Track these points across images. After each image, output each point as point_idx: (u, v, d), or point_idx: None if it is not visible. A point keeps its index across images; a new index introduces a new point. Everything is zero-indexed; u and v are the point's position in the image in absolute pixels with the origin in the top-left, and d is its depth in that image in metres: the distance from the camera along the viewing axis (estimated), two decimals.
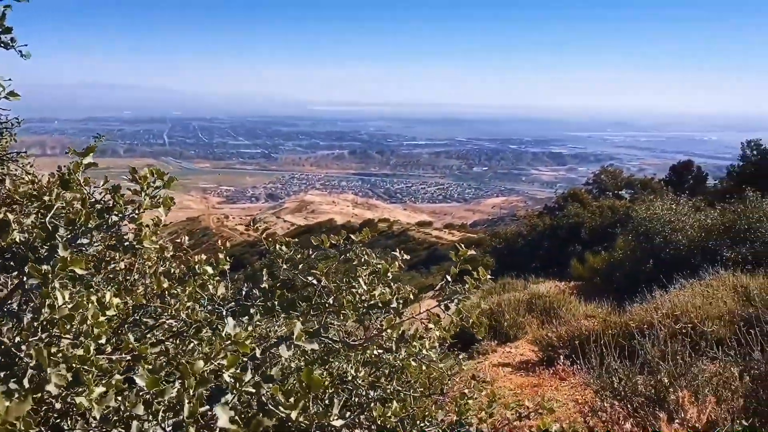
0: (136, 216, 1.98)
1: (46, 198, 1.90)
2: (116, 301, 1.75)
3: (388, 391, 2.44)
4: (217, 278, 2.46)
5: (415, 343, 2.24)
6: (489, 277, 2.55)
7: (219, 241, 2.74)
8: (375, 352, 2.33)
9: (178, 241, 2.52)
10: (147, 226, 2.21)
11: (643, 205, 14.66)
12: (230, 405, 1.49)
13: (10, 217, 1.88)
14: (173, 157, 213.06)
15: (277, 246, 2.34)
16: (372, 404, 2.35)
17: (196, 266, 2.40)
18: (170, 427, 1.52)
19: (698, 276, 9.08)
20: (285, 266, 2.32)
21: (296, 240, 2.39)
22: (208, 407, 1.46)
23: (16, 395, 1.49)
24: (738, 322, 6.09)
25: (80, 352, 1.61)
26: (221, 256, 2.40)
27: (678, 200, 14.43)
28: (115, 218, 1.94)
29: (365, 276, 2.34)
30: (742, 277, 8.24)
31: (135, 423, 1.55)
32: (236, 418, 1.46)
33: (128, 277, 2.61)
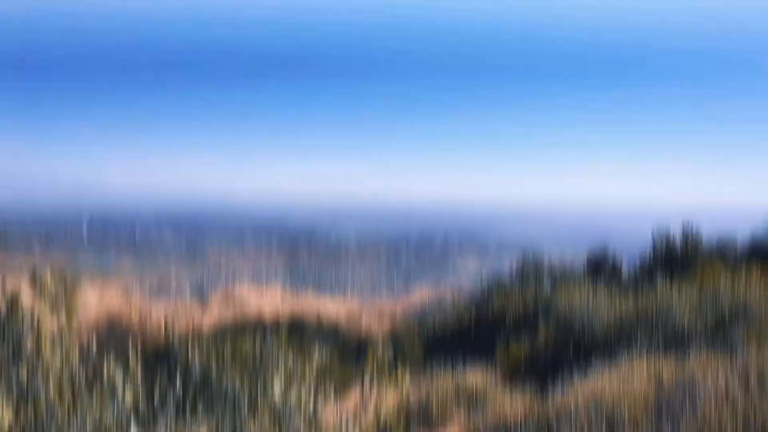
0: (35, 326, 1.93)
1: None
2: (9, 416, 1.68)
3: None
4: (127, 384, 2.38)
5: None
6: (408, 377, 2.60)
7: (130, 342, 2.68)
8: None
9: (85, 345, 2.45)
10: (53, 331, 2.15)
11: (563, 293, 15.17)
12: None
13: None
14: (92, 251, 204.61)
15: (190, 352, 2.32)
16: None
17: (105, 370, 2.33)
18: None
19: (615, 360, 9.37)
20: (198, 370, 2.29)
21: (210, 343, 2.38)
22: None
23: None
24: (651, 404, 6.31)
25: None
26: (131, 360, 2.35)
27: (595, 288, 15.02)
28: (14, 328, 1.88)
29: (281, 378, 2.34)
30: (656, 361, 8.58)
31: None
32: None
33: (31, 383, 2.49)
